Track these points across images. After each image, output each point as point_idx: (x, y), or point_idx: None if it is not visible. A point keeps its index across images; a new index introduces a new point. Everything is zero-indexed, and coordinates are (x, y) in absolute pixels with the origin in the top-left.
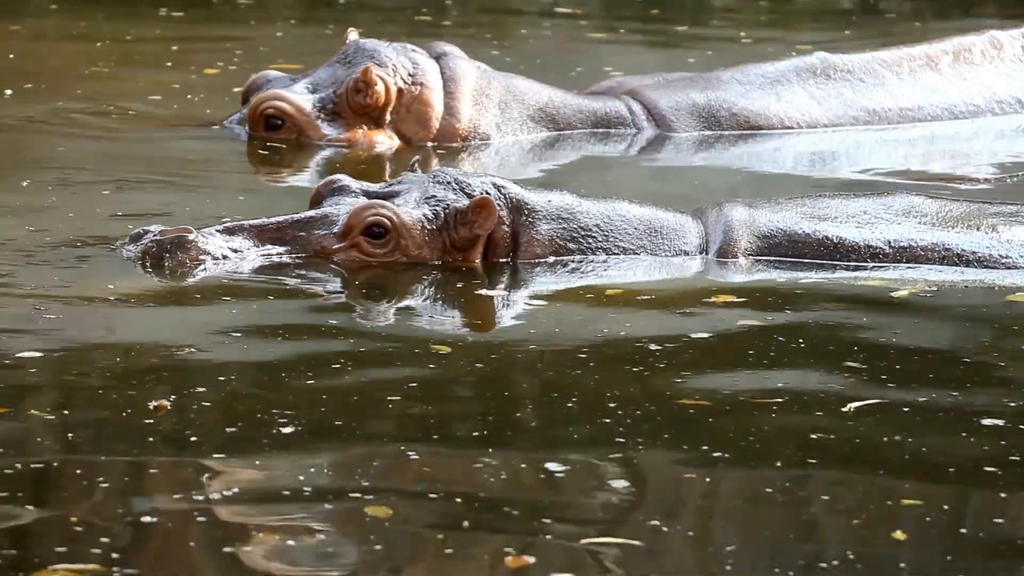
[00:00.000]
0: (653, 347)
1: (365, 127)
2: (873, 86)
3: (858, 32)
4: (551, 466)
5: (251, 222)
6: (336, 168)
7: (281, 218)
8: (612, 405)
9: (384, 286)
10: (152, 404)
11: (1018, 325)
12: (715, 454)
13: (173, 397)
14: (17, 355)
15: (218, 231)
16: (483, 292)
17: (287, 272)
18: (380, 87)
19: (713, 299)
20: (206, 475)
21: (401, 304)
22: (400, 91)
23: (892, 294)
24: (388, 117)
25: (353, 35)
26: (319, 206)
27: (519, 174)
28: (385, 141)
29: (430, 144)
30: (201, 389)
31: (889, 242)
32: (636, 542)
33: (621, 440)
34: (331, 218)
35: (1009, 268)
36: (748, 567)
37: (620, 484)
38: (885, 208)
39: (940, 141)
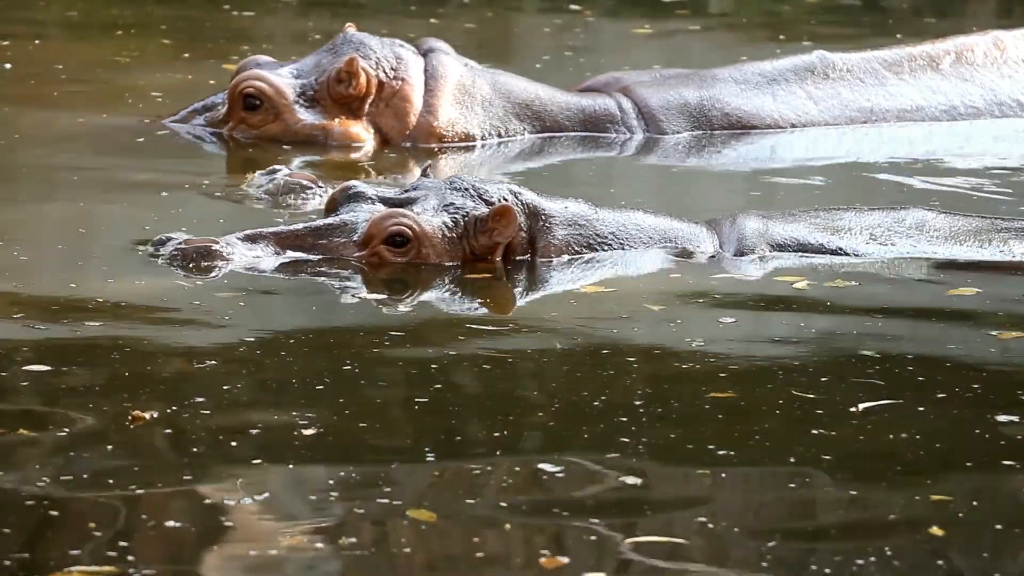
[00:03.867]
0: (665, 346)
1: (342, 117)
2: (872, 86)
3: (862, 29)
4: (582, 466)
5: (271, 229)
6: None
7: (300, 225)
8: (638, 403)
9: (403, 287)
10: (131, 414)
11: (1004, 316)
12: (730, 452)
13: (173, 408)
14: (27, 357)
15: (239, 239)
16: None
17: (307, 276)
18: (362, 78)
19: (724, 300)
20: (227, 477)
21: (420, 305)
22: (381, 84)
23: (794, 285)
24: (366, 109)
25: (351, 29)
26: (335, 213)
27: (501, 175)
28: (361, 132)
29: (406, 144)
30: (220, 392)
31: (900, 256)
32: (680, 540)
33: (642, 438)
34: (350, 225)
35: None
36: (786, 565)
37: (638, 481)
38: (897, 222)
39: (938, 142)
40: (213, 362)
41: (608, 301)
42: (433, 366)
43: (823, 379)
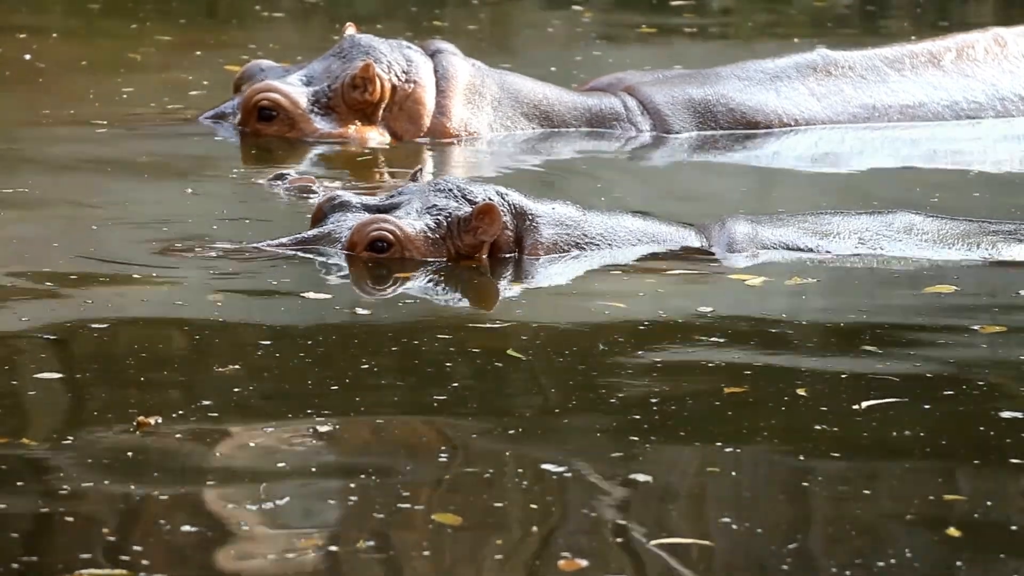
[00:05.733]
0: (672, 344)
1: (358, 123)
2: (874, 83)
3: (860, 28)
4: (597, 466)
5: (256, 244)
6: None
7: (287, 239)
8: (654, 401)
9: (411, 290)
10: (136, 420)
11: (986, 310)
12: (737, 449)
13: (181, 412)
14: (34, 363)
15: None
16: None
17: (310, 280)
18: (378, 84)
19: (716, 300)
20: (243, 480)
21: (431, 307)
22: (394, 88)
23: (746, 282)
24: (380, 114)
25: (351, 30)
26: (321, 223)
27: (511, 174)
28: (377, 138)
29: (421, 141)
30: (231, 392)
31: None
32: (706, 542)
33: (651, 437)
34: (335, 235)
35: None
36: (807, 566)
37: (649, 480)
38: (886, 226)
39: (940, 139)
40: (220, 361)
41: (606, 300)
42: (447, 365)
43: (823, 376)
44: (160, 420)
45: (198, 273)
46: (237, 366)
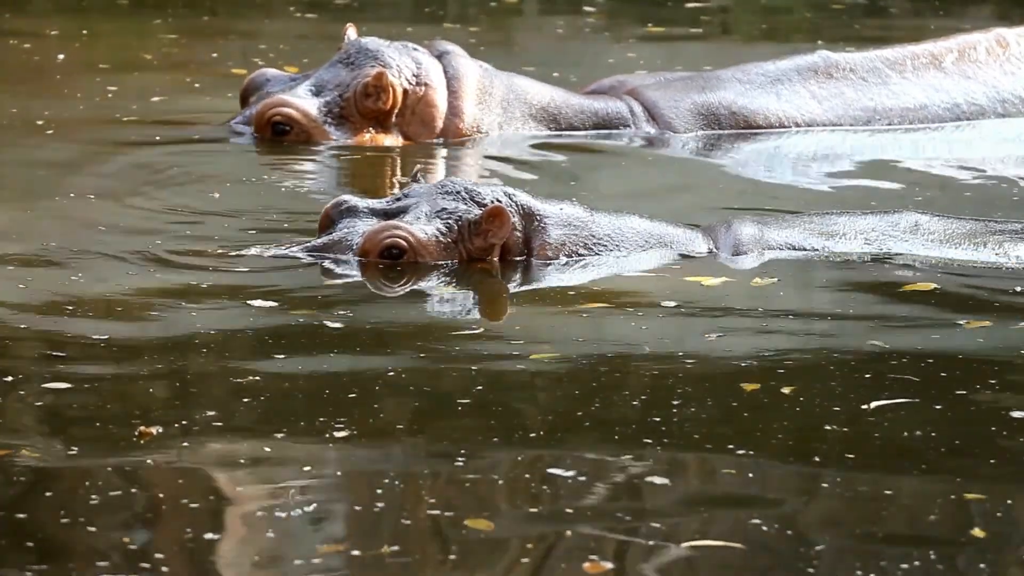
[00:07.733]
0: (681, 345)
1: (372, 130)
2: (875, 85)
3: (861, 30)
4: (619, 470)
5: (267, 253)
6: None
7: (296, 248)
8: (675, 402)
9: (421, 294)
10: (138, 431)
11: (996, 309)
12: (750, 451)
13: (184, 421)
14: (44, 374)
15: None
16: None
17: (321, 285)
18: (391, 92)
19: (721, 300)
20: (260, 483)
21: (442, 310)
22: (405, 92)
23: (752, 282)
24: (394, 119)
25: (351, 32)
26: (329, 229)
27: (523, 174)
28: (392, 143)
29: (435, 142)
30: (246, 398)
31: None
32: (736, 544)
33: (663, 439)
34: (345, 243)
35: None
36: (832, 567)
37: (666, 482)
38: (892, 226)
39: (940, 140)
40: (237, 368)
41: (615, 301)
42: (474, 368)
43: (831, 377)
44: (160, 429)
45: (209, 279)
46: (250, 375)
